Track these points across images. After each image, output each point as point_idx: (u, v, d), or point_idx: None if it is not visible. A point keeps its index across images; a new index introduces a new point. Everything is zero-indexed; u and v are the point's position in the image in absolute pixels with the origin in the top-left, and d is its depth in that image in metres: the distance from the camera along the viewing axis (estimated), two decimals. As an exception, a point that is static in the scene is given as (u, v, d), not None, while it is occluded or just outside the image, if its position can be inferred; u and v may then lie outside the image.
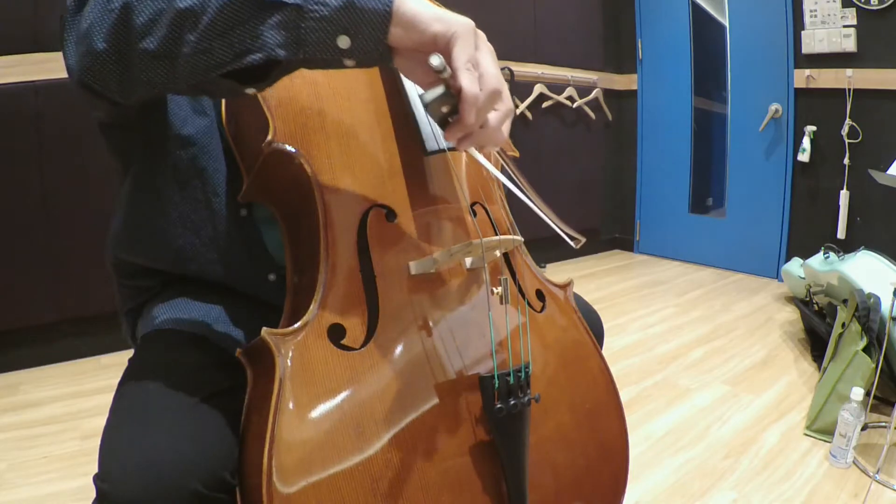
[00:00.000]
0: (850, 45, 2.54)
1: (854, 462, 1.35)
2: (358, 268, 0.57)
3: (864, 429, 1.45)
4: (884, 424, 1.51)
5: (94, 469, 0.48)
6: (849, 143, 2.62)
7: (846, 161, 2.64)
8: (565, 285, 0.74)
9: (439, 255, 0.58)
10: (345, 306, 0.55)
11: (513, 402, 0.57)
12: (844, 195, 2.66)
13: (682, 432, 1.53)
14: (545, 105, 3.19)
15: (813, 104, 2.75)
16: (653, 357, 2.05)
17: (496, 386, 0.57)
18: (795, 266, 2.44)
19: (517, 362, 0.61)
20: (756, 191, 3.05)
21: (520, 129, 3.09)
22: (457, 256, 0.59)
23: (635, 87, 3.55)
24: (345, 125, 0.60)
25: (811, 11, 2.64)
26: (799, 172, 2.86)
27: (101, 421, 0.53)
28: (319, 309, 0.53)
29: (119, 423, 0.52)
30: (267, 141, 0.55)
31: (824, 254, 2.10)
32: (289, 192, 0.61)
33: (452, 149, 0.65)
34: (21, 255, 1.83)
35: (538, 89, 3.11)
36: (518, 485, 0.58)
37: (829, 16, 2.58)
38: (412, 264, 0.59)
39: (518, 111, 3.05)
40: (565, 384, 0.67)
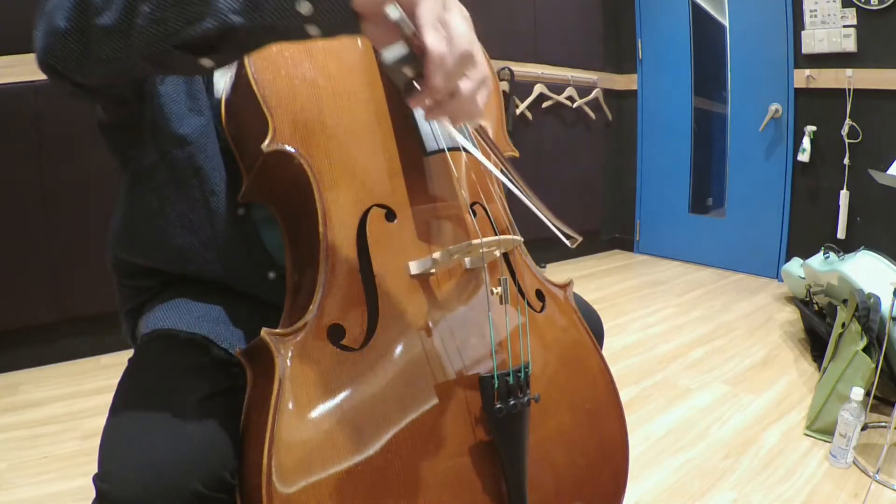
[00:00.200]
0: (850, 45, 2.54)
1: (854, 462, 1.35)
2: (357, 268, 0.57)
3: (864, 429, 1.45)
4: (884, 424, 1.51)
5: (94, 469, 0.48)
6: (849, 143, 2.62)
7: (846, 161, 2.64)
8: (565, 285, 0.74)
9: (439, 255, 0.58)
10: (344, 306, 0.55)
11: (512, 403, 0.57)
12: (844, 195, 2.66)
13: (682, 432, 1.53)
14: (545, 105, 3.19)
15: (813, 104, 2.75)
16: (653, 357, 2.05)
17: (496, 386, 0.57)
18: (795, 266, 2.44)
19: (517, 362, 0.61)
20: (756, 191, 3.05)
21: (520, 129, 3.10)
22: (456, 256, 0.59)
23: (635, 87, 3.55)
24: (344, 125, 0.60)
25: (811, 11, 2.64)
26: (799, 172, 2.86)
27: (101, 421, 0.53)
28: (319, 309, 0.53)
29: (119, 423, 0.52)
30: (267, 141, 0.55)
31: (824, 254, 2.10)
32: (288, 193, 0.61)
33: (452, 149, 0.65)
34: (21, 255, 1.83)
35: (538, 89, 3.11)
36: (518, 485, 0.58)
37: (829, 16, 2.58)
38: (412, 264, 0.59)
39: (518, 111, 3.05)
40: (565, 384, 0.67)
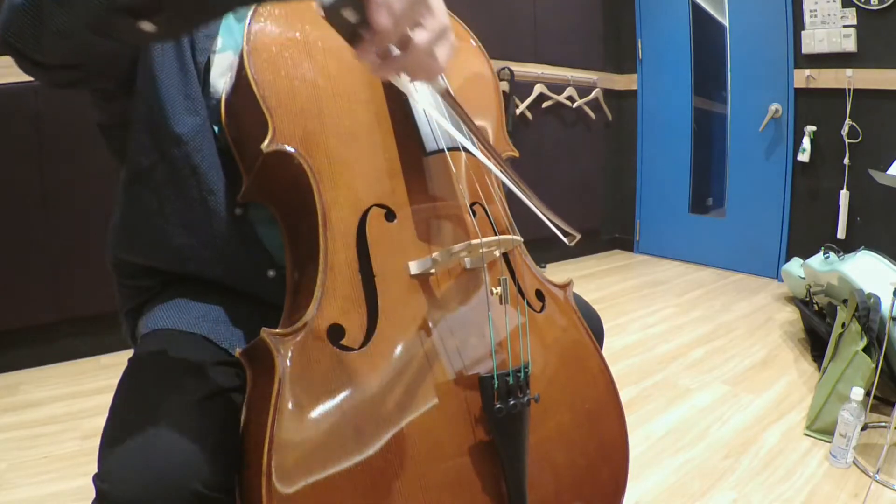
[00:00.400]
0: (850, 45, 2.54)
1: (854, 462, 1.35)
2: (357, 268, 0.57)
3: (864, 429, 1.45)
4: (884, 424, 1.51)
5: (94, 469, 0.48)
6: (849, 143, 2.62)
7: (846, 161, 2.64)
8: (565, 285, 0.74)
9: (439, 255, 0.58)
10: (344, 306, 0.55)
11: (512, 403, 0.57)
12: (844, 195, 2.66)
13: (682, 432, 1.53)
14: (545, 105, 3.19)
15: (813, 104, 2.75)
16: (653, 357, 2.05)
17: (496, 386, 0.57)
18: (795, 266, 2.44)
19: (517, 362, 0.61)
20: (756, 191, 3.05)
21: (520, 129, 3.10)
22: (456, 256, 0.59)
23: (635, 87, 3.55)
24: (344, 126, 0.60)
25: (811, 11, 2.64)
26: (799, 172, 2.86)
27: (101, 421, 0.53)
28: (319, 309, 0.53)
29: (119, 423, 0.52)
30: (266, 141, 0.55)
31: (824, 254, 2.10)
32: (288, 193, 0.61)
33: (452, 149, 0.65)
34: (21, 255, 1.83)
35: (538, 89, 3.11)
36: (518, 485, 0.58)
37: (829, 16, 2.58)
38: (412, 264, 0.59)
39: (518, 111, 3.05)
40: (565, 384, 0.67)
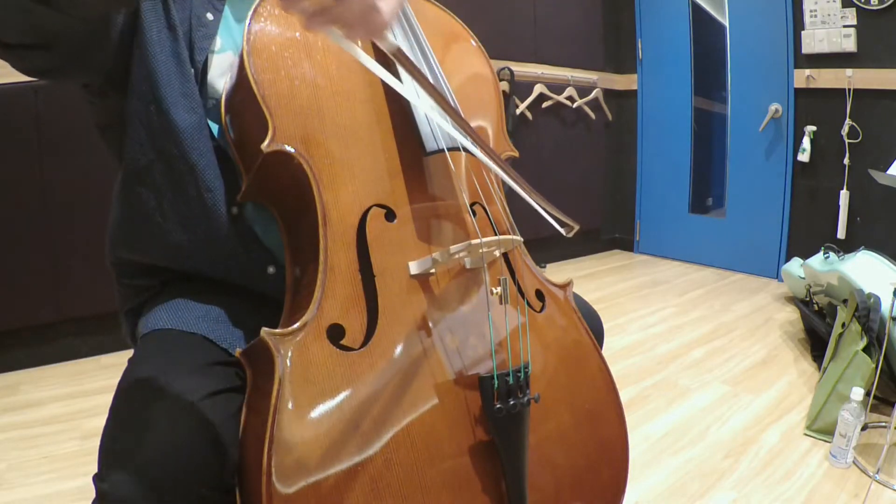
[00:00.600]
0: (850, 45, 2.54)
1: (854, 462, 1.35)
2: (357, 268, 0.57)
3: (864, 429, 1.45)
4: (884, 424, 1.51)
5: (94, 469, 0.48)
6: (849, 143, 2.62)
7: (846, 161, 2.64)
8: (565, 285, 0.74)
9: (439, 255, 0.58)
10: (344, 306, 0.55)
11: (512, 403, 0.57)
12: (844, 195, 2.66)
13: (682, 432, 1.53)
14: (545, 105, 3.19)
15: (813, 104, 2.75)
16: (653, 357, 2.05)
17: (496, 386, 0.57)
18: (795, 266, 2.44)
19: (517, 362, 0.61)
20: (756, 191, 3.05)
21: (520, 129, 3.09)
22: (456, 256, 0.59)
23: (635, 87, 3.55)
24: (344, 125, 0.60)
25: (811, 11, 2.64)
26: (799, 172, 2.86)
27: (101, 421, 0.53)
28: (318, 309, 0.53)
29: (119, 423, 0.52)
30: (266, 141, 0.55)
31: (824, 254, 2.10)
32: (288, 193, 0.61)
33: (452, 149, 0.65)
34: (21, 255, 1.83)
35: (538, 89, 3.11)
36: (518, 485, 0.58)
37: (829, 16, 2.58)
38: (412, 264, 0.59)
39: (518, 111, 3.05)
40: (565, 384, 0.67)
